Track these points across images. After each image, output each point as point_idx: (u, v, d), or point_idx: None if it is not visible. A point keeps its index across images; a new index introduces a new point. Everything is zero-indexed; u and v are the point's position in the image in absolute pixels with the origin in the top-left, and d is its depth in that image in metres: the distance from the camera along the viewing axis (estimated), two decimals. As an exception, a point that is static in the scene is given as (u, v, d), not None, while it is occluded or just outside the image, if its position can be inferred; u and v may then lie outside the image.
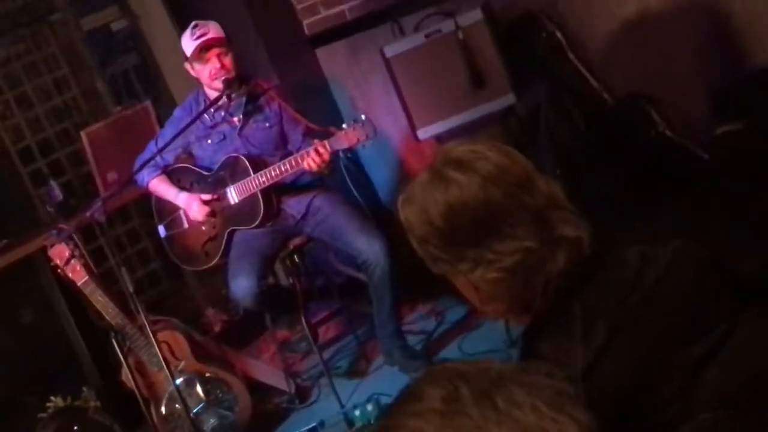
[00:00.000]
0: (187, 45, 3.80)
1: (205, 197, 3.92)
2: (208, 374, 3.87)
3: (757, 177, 3.41)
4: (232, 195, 3.88)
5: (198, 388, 3.83)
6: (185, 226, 4.02)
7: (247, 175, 3.82)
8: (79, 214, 4.04)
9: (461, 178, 1.54)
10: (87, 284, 3.64)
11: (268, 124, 3.91)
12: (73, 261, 3.62)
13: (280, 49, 4.74)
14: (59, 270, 3.65)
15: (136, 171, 3.94)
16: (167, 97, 5.24)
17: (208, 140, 3.95)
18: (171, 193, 4.00)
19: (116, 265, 3.48)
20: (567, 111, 4.07)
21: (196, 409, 3.79)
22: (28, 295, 4.32)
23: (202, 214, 3.91)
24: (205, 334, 4.47)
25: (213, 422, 3.83)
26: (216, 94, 3.83)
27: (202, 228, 3.97)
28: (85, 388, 3.96)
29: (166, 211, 4.06)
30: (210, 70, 3.78)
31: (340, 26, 4.66)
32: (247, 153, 3.87)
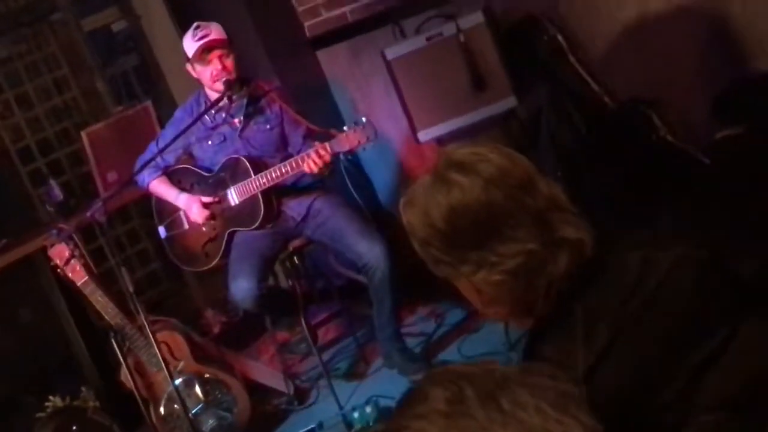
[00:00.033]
0: (189, 46, 3.80)
1: (206, 200, 3.92)
2: (207, 375, 3.87)
3: (758, 181, 3.41)
4: (233, 196, 3.88)
5: (197, 389, 3.83)
6: (185, 227, 4.02)
7: (248, 177, 3.81)
8: (79, 213, 4.04)
9: (463, 180, 1.53)
10: (87, 284, 3.64)
11: (269, 126, 3.91)
12: (73, 261, 3.62)
13: (281, 51, 4.74)
14: (59, 270, 3.65)
15: (137, 171, 3.94)
16: (167, 97, 5.24)
17: (209, 141, 3.94)
18: (171, 194, 3.99)
19: (116, 265, 3.47)
20: (568, 114, 4.07)
21: (195, 410, 3.79)
22: (28, 295, 4.31)
23: (202, 216, 3.91)
24: (204, 335, 4.47)
25: (212, 423, 3.83)
26: (217, 96, 3.83)
27: (202, 229, 3.97)
28: (84, 388, 3.96)
29: (167, 212, 4.06)
30: (211, 72, 3.78)
31: (342, 28, 4.66)
32: (247, 154, 3.87)
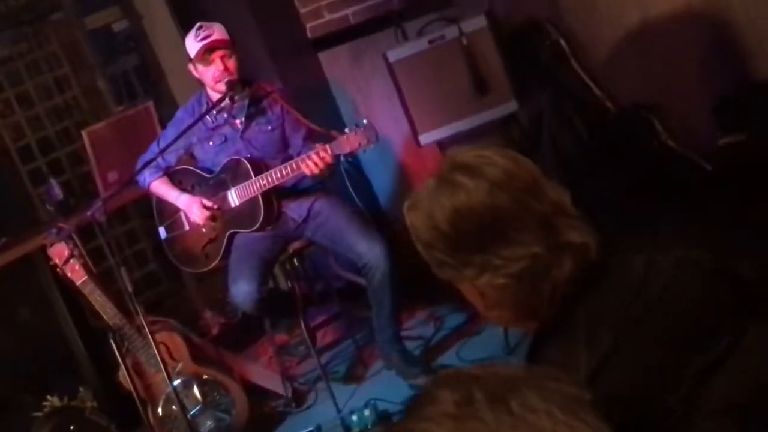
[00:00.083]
0: (191, 46, 3.79)
1: (206, 203, 3.91)
2: (206, 376, 3.87)
3: (760, 188, 3.41)
4: (233, 198, 3.87)
5: (195, 390, 3.83)
6: (186, 228, 4.01)
7: (248, 178, 3.81)
8: (79, 213, 4.03)
9: (468, 183, 1.53)
10: (86, 284, 3.63)
11: (270, 127, 3.91)
12: (73, 260, 3.61)
13: (283, 52, 4.74)
14: (58, 269, 3.64)
15: (138, 171, 3.93)
16: (168, 98, 5.23)
17: (210, 142, 3.94)
18: (172, 195, 3.99)
19: (116, 264, 3.47)
20: (569, 119, 4.07)
21: (193, 411, 3.78)
22: (27, 294, 4.30)
23: (203, 218, 3.90)
24: (202, 337, 4.46)
25: (210, 424, 3.83)
26: (219, 96, 3.82)
27: (203, 230, 3.96)
28: (81, 388, 3.96)
29: (167, 213, 4.05)
30: (213, 72, 3.77)
31: (344, 30, 4.66)
32: (248, 155, 3.86)
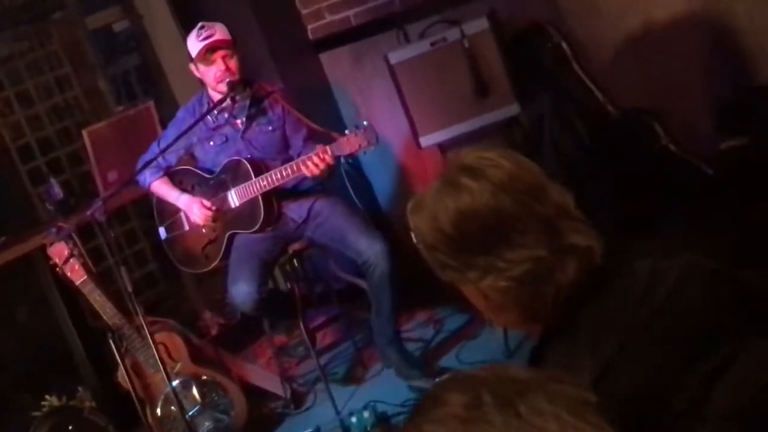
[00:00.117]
0: (193, 46, 3.78)
1: (207, 203, 3.90)
2: (205, 377, 3.86)
3: (761, 191, 3.41)
4: (233, 198, 3.87)
5: (194, 391, 3.82)
6: (186, 229, 4.00)
7: (249, 179, 3.80)
8: (79, 213, 4.02)
9: (473, 185, 1.52)
10: (85, 284, 3.63)
11: (271, 128, 3.90)
12: (72, 260, 3.60)
13: (284, 53, 4.73)
14: (58, 269, 3.64)
15: (138, 171, 3.92)
16: (169, 98, 5.22)
17: (211, 142, 3.93)
18: (172, 195, 3.98)
19: (115, 264, 3.46)
20: (571, 122, 4.06)
21: (192, 412, 3.78)
22: (26, 294, 4.30)
23: (203, 218, 3.89)
24: (201, 337, 4.45)
25: (208, 425, 3.82)
26: (220, 96, 3.82)
27: (203, 231, 3.96)
28: (80, 388, 3.95)
29: (167, 213, 4.05)
30: (215, 72, 3.76)
31: (345, 32, 4.66)
32: (249, 156, 3.86)
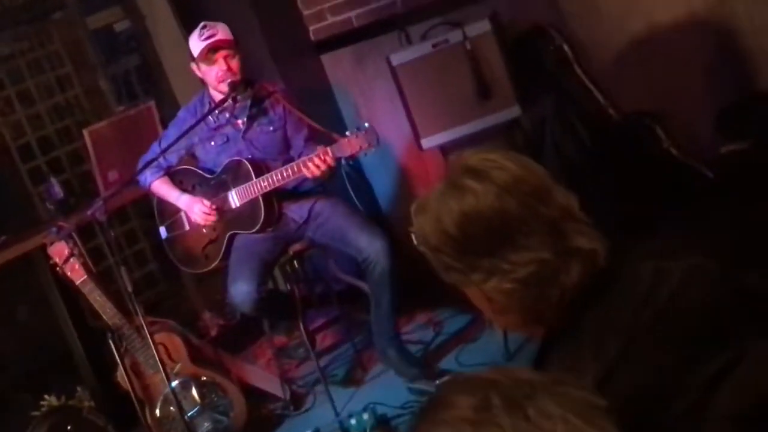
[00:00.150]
0: (195, 45, 3.78)
1: (207, 203, 3.89)
2: (204, 378, 3.86)
3: (762, 196, 3.41)
4: (234, 199, 3.87)
5: (193, 392, 3.82)
6: (186, 228, 4.00)
7: (249, 180, 3.80)
8: (79, 212, 4.02)
9: (477, 186, 1.52)
10: (85, 283, 3.62)
11: (272, 128, 3.90)
12: (72, 259, 3.60)
13: (286, 54, 4.73)
14: (58, 268, 3.63)
15: (139, 171, 3.92)
16: (170, 98, 5.22)
17: (212, 142, 3.93)
18: (173, 195, 3.98)
19: (116, 264, 3.46)
20: (572, 125, 4.06)
21: (191, 413, 3.77)
22: (26, 293, 4.29)
23: (204, 218, 3.89)
24: (201, 338, 4.45)
25: (207, 426, 3.82)
26: (221, 96, 3.82)
27: (203, 231, 3.95)
28: (79, 388, 3.95)
29: (168, 213, 4.04)
30: (216, 72, 3.76)
31: (347, 33, 4.66)
32: (250, 156, 3.85)
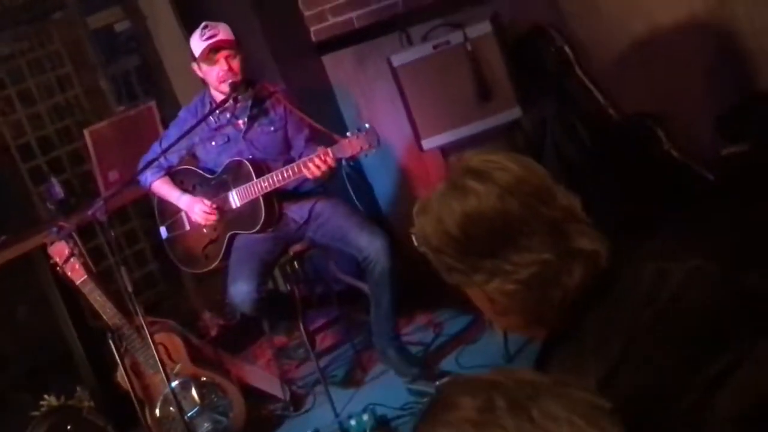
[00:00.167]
0: (196, 45, 3.78)
1: (207, 202, 3.89)
2: (204, 378, 3.85)
3: (762, 197, 3.41)
4: (234, 199, 3.87)
5: (193, 392, 3.81)
6: (186, 228, 4.00)
7: (250, 180, 3.80)
8: (80, 212, 4.01)
9: (479, 187, 1.52)
10: (86, 283, 3.62)
11: (273, 128, 3.90)
12: (73, 259, 3.60)
13: (287, 55, 4.73)
14: (58, 268, 3.63)
15: (140, 171, 3.92)
16: (171, 98, 5.22)
17: (212, 142, 3.93)
18: (174, 195, 3.98)
19: (116, 264, 3.46)
20: (573, 126, 4.06)
21: (191, 413, 3.77)
22: (26, 293, 4.29)
23: (204, 218, 3.89)
24: (201, 338, 4.45)
25: (207, 427, 3.81)
26: (222, 96, 3.82)
27: (203, 231, 3.95)
28: (79, 388, 3.95)
29: (168, 213, 4.04)
30: (218, 72, 3.76)
31: (348, 34, 4.65)
32: (250, 156, 3.85)
